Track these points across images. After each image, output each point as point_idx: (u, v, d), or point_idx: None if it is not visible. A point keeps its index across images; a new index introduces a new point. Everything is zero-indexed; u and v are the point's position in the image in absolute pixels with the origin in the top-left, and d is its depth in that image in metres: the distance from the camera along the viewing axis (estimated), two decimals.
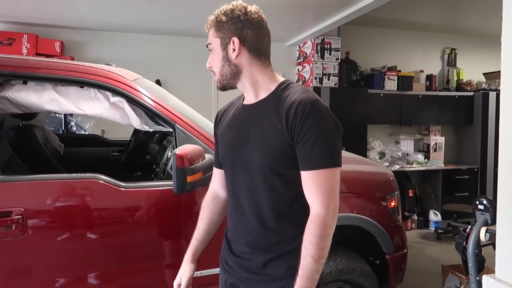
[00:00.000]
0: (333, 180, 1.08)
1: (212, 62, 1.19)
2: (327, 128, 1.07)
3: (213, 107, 5.03)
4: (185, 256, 1.35)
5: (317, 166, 1.06)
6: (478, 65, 5.38)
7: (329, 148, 1.07)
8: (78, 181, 1.69)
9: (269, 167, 1.12)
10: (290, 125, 1.07)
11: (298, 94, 1.11)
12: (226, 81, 1.18)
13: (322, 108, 1.09)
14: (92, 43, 4.59)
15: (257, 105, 1.18)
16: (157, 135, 3.03)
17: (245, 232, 1.21)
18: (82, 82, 1.80)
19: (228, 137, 1.24)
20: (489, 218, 1.91)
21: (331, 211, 1.07)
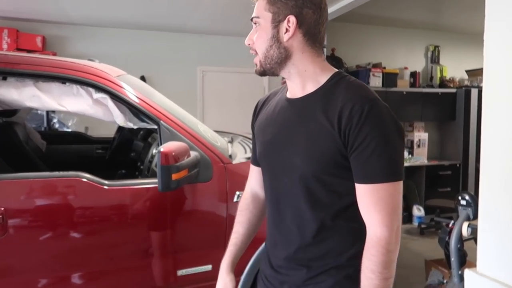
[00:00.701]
0: (395, 196, 0.91)
1: (255, 39, 1.00)
2: (389, 134, 0.90)
3: (198, 104, 5.00)
4: (222, 264, 1.19)
5: (376, 180, 0.90)
6: (461, 63, 5.46)
7: (391, 158, 0.90)
8: (60, 179, 1.66)
9: (313, 174, 0.95)
10: (344, 129, 0.90)
11: (354, 91, 0.93)
12: (269, 65, 0.99)
13: (382, 109, 0.91)
14: (75, 38, 4.51)
15: (303, 100, 1.00)
16: (141, 132, 3.00)
17: (283, 244, 1.05)
18: (64, 78, 1.76)
19: (267, 134, 1.07)
20: (471, 213, 1.94)
21: (394, 232, 0.90)
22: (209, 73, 5.05)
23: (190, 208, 1.82)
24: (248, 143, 2.42)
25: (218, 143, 1.93)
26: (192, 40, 4.94)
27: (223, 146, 1.97)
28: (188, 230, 1.79)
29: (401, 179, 0.92)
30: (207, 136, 1.90)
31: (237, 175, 1.87)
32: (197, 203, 1.82)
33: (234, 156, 1.99)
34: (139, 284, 1.75)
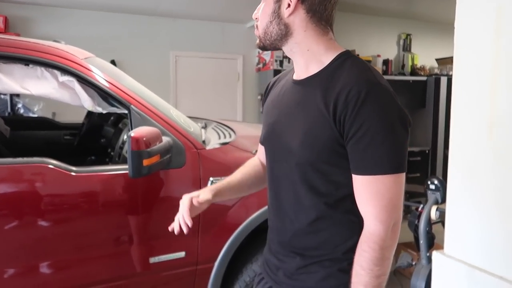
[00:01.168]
0: (394, 190, 0.85)
1: (260, 13, 0.96)
2: (389, 121, 0.83)
3: (171, 90, 4.90)
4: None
5: (373, 171, 0.83)
6: (431, 51, 5.58)
7: (391, 149, 0.83)
8: (24, 165, 1.58)
9: (309, 161, 0.91)
10: (339, 116, 0.84)
11: (355, 73, 0.86)
12: (269, 41, 0.96)
13: (384, 94, 0.84)
14: (40, 20, 4.30)
15: (305, 82, 0.95)
16: (112, 118, 2.91)
17: (280, 230, 1.03)
18: (27, 60, 1.66)
19: (270, 116, 1.04)
20: (439, 197, 1.99)
21: (389, 228, 0.85)
22: (182, 58, 4.94)
23: (162, 194, 1.78)
24: (222, 129, 2.39)
25: (191, 129, 1.89)
26: (164, 24, 4.81)
27: (197, 131, 1.93)
28: (160, 217, 1.76)
29: (402, 172, 0.85)
30: (180, 121, 1.86)
31: (211, 161, 1.84)
32: (169, 190, 1.79)
33: (208, 142, 1.96)
34: (109, 273, 1.71)
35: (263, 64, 4.99)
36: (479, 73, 1.52)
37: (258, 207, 1.90)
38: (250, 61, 5.22)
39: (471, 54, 1.55)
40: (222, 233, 1.86)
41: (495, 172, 1.47)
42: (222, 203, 1.86)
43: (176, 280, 1.82)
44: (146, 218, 1.76)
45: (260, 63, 5.08)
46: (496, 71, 1.43)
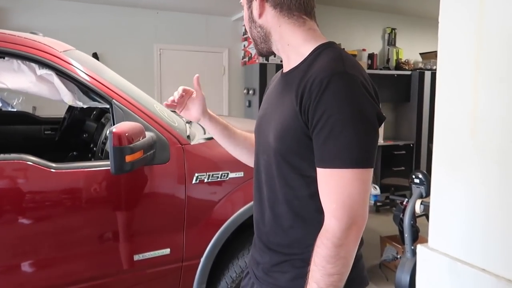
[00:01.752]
0: (354, 186, 0.79)
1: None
2: (351, 111, 0.78)
3: (155, 84, 4.83)
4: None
5: (332, 164, 0.79)
6: (416, 45, 5.63)
7: (352, 141, 0.78)
8: (1, 163, 1.53)
9: (281, 154, 0.90)
10: (304, 105, 0.82)
11: (324, 62, 0.83)
12: (259, 46, 0.99)
13: (348, 82, 0.79)
14: (17, 10, 4.16)
15: (286, 75, 0.95)
16: (94, 112, 2.85)
17: (259, 224, 1.02)
18: (2, 52, 1.60)
19: (261, 110, 1.06)
20: (423, 191, 2.02)
21: (346, 226, 0.79)
22: (166, 51, 4.87)
23: (146, 191, 1.75)
24: None
25: (176, 124, 1.86)
26: (148, 16, 4.72)
27: (181, 126, 1.90)
28: (144, 213, 1.73)
29: (365, 167, 0.79)
30: (164, 116, 1.82)
31: (196, 156, 1.81)
32: (153, 186, 1.75)
33: (193, 137, 1.93)
34: (92, 271, 1.68)
35: (248, 58, 4.95)
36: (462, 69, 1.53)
37: (244, 202, 1.89)
38: (235, 55, 5.18)
39: (454, 49, 1.56)
40: (207, 229, 1.84)
41: (478, 166, 1.49)
42: (207, 199, 1.84)
43: (161, 277, 1.79)
44: (130, 215, 1.73)
45: (245, 56, 5.04)
46: (478, 67, 1.43)
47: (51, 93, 1.71)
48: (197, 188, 1.79)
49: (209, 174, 1.80)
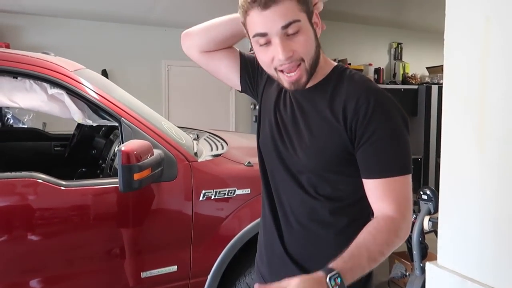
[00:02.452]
0: (407, 189, 0.87)
1: (297, 46, 0.83)
2: (397, 125, 0.86)
3: (163, 99, 4.88)
4: None
5: (388, 174, 0.84)
6: (422, 59, 5.64)
7: (401, 151, 0.86)
8: (12, 180, 1.55)
9: (317, 172, 0.91)
10: (350, 122, 0.85)
11: (358, 83, 0.88)
12: (314, 69, 0.88)
13: (389, 101, 0.87)
14: (30, 29, 4.27)
15: (309, 92, 0.92)
16: (103, 129, 2.89)
17: (274, 238, 1.01)
18: (15, 73, 1.64)
19: (266, 124, 1.01)
20: (432, 207, 2.00)
21: (407, 222, 0.85)
22: (174, 67, 4.94)
23: (154, 208, 1.76)
24: (215, 140, 2.38)
25: (183, 141, 1.88)
26: (156, 33, 4.80)
27: (188, 143, 1.92)
28: (152, 230, 1.73)
29: (411, 173, 0.87)
30: (171, 134, 1.84)
31: (203, 173, 1.82)
32: (161, 203, 1.77)
33: (200, 154, 1.94)
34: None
35: None
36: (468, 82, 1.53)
37: (251, 219, 1.89)
38: None
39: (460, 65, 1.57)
40: (214, 246, 1.84)
41: (487, 183, 1.48)
42: (214, 215, 1.85)
43: None
44: (138, 232, 1.74)
45: None
46: (485, 82, 1.44)
47: (61, 111, 1.75)
48: (204, 205, 1.80)
49: (216, 191, 1.81)
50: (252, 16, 0.83)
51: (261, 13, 0.80)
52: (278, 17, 0.80)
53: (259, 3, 0.80)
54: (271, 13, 0.80)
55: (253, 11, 0.81)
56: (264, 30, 0.82)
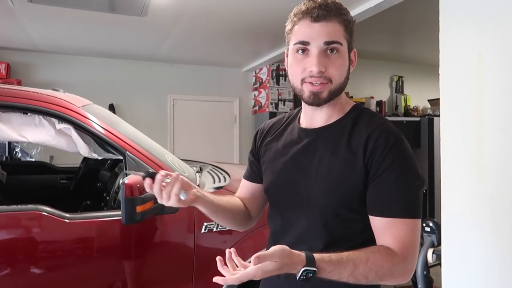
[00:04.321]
0: (416, 234, 0.85)
1: (331, 65, 0.88)
2: (412, 169, 0.87)
3: (168, 132, 4.96)
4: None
5: (399, 213, 0.84)
6: (423, 92, 5.71)
7: (414, 194, 0.86)
8: (18, 213, 1.58)
9: (333, 209, 0.89)
10: (368, 157, 0.86)
11: (379, 122, 0.91)
12: (335, 95, 0.91)
13: (407, 145, 0.89)
14: (41, 66, 4.43)
15: (325, 129, 0.95)
16: (108, 162, 2.93)
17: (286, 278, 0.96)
18: (25, 109, 1.71)
19: (278, 164, 1.00)
20: (435, 239, 1.98)
21: (407, 265, 0.83)
22: (179, 101, 5.05)
23: (156, 240, 1.77)
24: (218, 173, 2.41)
25: (186, 173, 1.91)
26: (162, 68, 4.95)
27: (191, 176, 1.95)
28: (154, 263, 1.74)
29: (420, 218, 0.86)
30: (175, 166, 1.88)
31: None
32: (163, 235, 1.78)
33: (202, 186, 1.97)
34: None
35: (259, 107, 5.09)
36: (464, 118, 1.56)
37: (254, 251, 1.87)
38: (246, 104, 5.33)
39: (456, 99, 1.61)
40: None
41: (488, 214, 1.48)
42: (216, 248, 1.85)
43: None
44: (140, 265, 1.74)
45: (256, 105, 5.18)
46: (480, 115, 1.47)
47: (68, 145, 1.79)
48: (206, 237, 1.80)
49: (218, 223, 1.82)
50: (300, 26, 0.89)
51: (310, 24, 0.87)
52: (325, 32, 0.87)
53: (312, 15, 0.87)
54: (319, 27, 0.87)
55: (303, 21, 0.89)
56: (308, 39, 0.88)
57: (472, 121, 1.55)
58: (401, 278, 0.84)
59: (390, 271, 0.81)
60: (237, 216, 1.09)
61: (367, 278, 0.79)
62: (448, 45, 1.63)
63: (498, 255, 1.45)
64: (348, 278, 0.78)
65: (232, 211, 1.07)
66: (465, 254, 1.55)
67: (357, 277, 0.79)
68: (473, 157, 1.56)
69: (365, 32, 4.18)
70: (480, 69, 1.49)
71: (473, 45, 1.52)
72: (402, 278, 0.84)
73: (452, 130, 1.66)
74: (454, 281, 1.55)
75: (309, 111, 0.98)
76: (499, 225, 1.49)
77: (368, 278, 0.79)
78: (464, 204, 1.60)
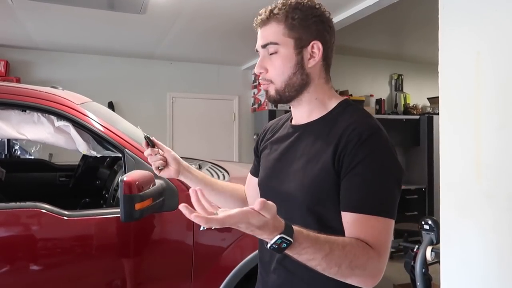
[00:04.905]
0: (389, 233, 0.82)
1: (270, 66, 0.92)
2: (389, 168, 0.84)
3: (168, 130, 4.96)
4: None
5: (371, 210, 0.80)
6: (423, 90, 5.71)
7: (387, 192, 0.83)
8: (17, 210, 1.58)
9: (308, 206, 0.88)
10: (340, 152, 0.84)
11: (358, 117, 0.90)
12: (288, 93, 0.93)
13: (385, 140, 0.86)
14: (40, 64, 4.42)
15: (307, 126, 0.96)
16: (108, 159, 2.93)
17: (272, 282, 0.97)
18: (24, 106, 1.71)
19: (269, 160, 1.03)
20: (434, 237, 1.98)
21: (380, 263, 0.79)
22: (179, 99, 5.04)
23: (155, 238, 1.77)
24: (217, 170, 2.41)
25: None
26: (161, 66, 4.95)
27: None
28: (153, 261, 1.74)
29: (393, 218, 0.83)
30: None
31: None
32: (162, 233, 1.78)
33: None
34: None
35: (258, 105, 5.08)
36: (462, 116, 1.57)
37: (253, 249, 1.88)
38: (245, 102, 5.33)
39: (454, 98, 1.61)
40: (215, 277, 1.83)
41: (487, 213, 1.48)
42: (216, 245, 1.85)
43: None
44: (139, 263, 1.74)
45: (255, 103, 5.18)
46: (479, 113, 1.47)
47: (67, 143, 1.79)
48: (205, 234, 1.81)
49: None
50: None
51: (258, 32, 0.95)
52: (262, 37, 0.94)
53: (257, 24, 0.95)
54: (260, 33, 0.94)
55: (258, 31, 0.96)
56: (256, 46, 0.97)
57: (471, 120, 1.55)
58: (370, 279, 0.79)
59: (363, 265, 0.77)
60: (235, 199, 1.18)
61: (340, 266, 0.74)
62: (448, 44, 1.63)
63: (496, 253, 1.46)
64: (320, 262, 0.73)
65: (227, 194, 1.17)
66: (463, 252, 1.56)
67: (329, 263, 0.73)
68: (471, 156, 1.56)
69: (365, 30, 4.18)
70: (479, 68, 1.49)
71: (472, 45, 1.52)
72: (371, 279, 0.79)
73: (450, 128, 1.66)
74: (452, 279, 1.56)
75: (292, 109, 1.02)
76: (498, 223, 1.50)
77: (341, 266, 0.74)
78: (462, 202, 1.61)
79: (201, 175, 1.14)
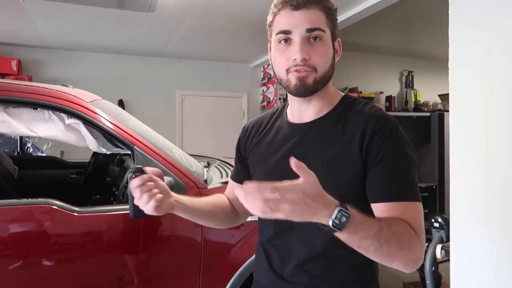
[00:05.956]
0: (422, 216, 0.83)
1: (313, 53, 0.85)
2: (410, 154, 0.85)
3: (177, 128, 4.99)
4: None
5: (406, 197, 0.81)
6: (434, 87, 5.65)
7: (414, 179, 0.84)
8: (29, 206, 1.61)
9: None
10: (367, 143, 0.83)
11: (373, 110, 0.89)
12: (321, 85, 0.88)
13: (401, 130, 0.87)
14: (51, 62, 4.48)
15: (318, 122, 0.92)
16: (118, 157, 2.96)
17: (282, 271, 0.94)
18: (35, 104, 1.73)
19: (270, 163, 0.96)
20: (444, 235, 1.96)
21: (421, 245, 0.80)
22: (188, 97, 5.07)
23: (164, 234, 1.78)
24: (225, 167, 2.42)
25: (194, 168, 1.92)
26: (170, 64, 4.97)
27: (199, 171, 1.95)
28: (162, 257, 1.75)
29: (421, 202, 0.84)
30: (182, 161, 1.89)
31: None
32: (171, 229, 1.79)
33: (210, 181, 1.98)
34: None
35: (267, 102, 5.08)
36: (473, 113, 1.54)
37: None
38: (254, 99, 5.33)
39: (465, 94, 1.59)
40: (224, 273, 1.84)
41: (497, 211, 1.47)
42: (224, 242, 1.86)
43: None
44: (147, 259, 1.76)
45: (264, 100, 5.17)
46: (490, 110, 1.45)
47: (77, 140, 1.82)
48: (214, 231, 1.81)
49: None
50: (281, 16, 0.87)
51: (291, 13, 0.85)
52: (306, 19, 0.84)
53: (291, 3, 0.85)
54: (300, 15, 0.84)
55: (284, 11, 0.86)
56: (290, 28, 0.85)
57: (482, 117, 1.53)
58: (413, 262, 0.78)
59: (409, 244, 0.76)
60: (221, 216, 1.08)
61: (389, 244, 0.73)
62: (458, 40, 1.61)
63: (507, 251, 1.44)
64: (373, 240, 0.71)
65: (214, 213, 1.06)
66: (474, 250, 1.54)
67: (380, 240, 0.72)
68: (482, 153, 1.54)
69: (375, 27, 4.14)
70: (490, 64, 1.47)
71: (483, 40, 1.49)
72: (414, 262, 0.78)
73: (461, 125, 1.64)
74: (462, 277, 1.54)
75: (297, 105, 0.95)
76: (508, 221, 1.47)
77: (390, 245, 0.73)
78: (473, 200, 1.59)
79: (189, 200, 0.99)
